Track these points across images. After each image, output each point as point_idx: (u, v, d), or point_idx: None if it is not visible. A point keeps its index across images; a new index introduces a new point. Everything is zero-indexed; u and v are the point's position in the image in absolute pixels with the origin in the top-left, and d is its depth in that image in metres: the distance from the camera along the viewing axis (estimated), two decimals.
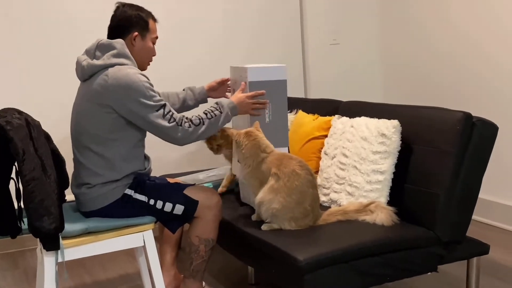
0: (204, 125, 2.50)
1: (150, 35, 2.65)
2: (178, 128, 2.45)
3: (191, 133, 2.47)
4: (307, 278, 2.17)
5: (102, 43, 2.53)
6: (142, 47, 2.63)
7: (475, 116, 2.43)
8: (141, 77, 2.44)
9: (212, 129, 2.55)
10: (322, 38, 4.50)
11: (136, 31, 2.60)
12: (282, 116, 2.75)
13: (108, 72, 2.45)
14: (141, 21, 2.61)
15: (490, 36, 3.67)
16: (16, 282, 3.28)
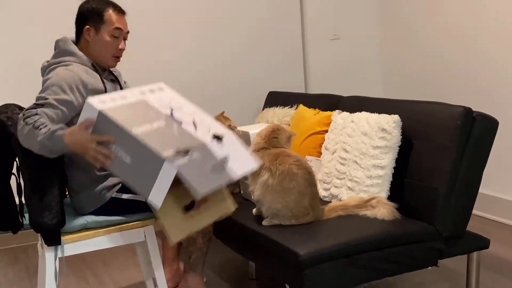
0: (30, 128, 2.14)
1: (106, 27, 2.46)
2: (20, 123, 2.17)
3: (20, 133, 2.17)
4: (308, 272, 2.17)
5: (55, 42, 2.50)
6: (97, 41, 2.47)
7: (476, 111, 2.42)
8: (63, 73, 2.34)
9: (32, 138, 2.13)
10: (322, 33, 4.50)
11: (89, 24, 2.47)
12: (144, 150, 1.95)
13: (45, 75, 2.41)
14: (94, 13, 2.46)
15: (489, 32, 3.66)
16: (17, 278, 3.29)
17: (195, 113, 2.23)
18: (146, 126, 2.01)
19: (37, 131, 2.12)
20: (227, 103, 4.20)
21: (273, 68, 4.38)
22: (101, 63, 2.50)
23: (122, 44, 2.51)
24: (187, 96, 4.05)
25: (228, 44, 4.23)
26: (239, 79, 4.28)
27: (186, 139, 2.03)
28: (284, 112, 3.56)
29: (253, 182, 2.51)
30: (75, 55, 2.44)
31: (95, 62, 2.48)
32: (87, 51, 2.47)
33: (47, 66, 2.45)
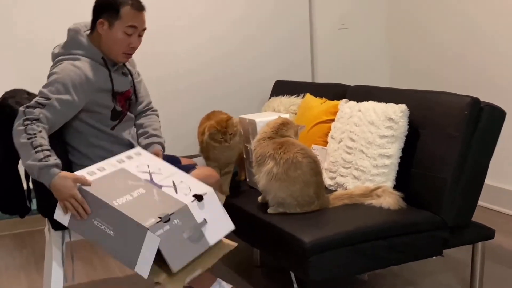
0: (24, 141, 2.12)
1: (121, 23, 2.38)
2: (20, 116, 2.18)
3: (17, 131, 2.16)
4: (312, 260, 2.18)
5: (68, 28, 2.47)
6: (109, 35, 2.40)
7: (483, 101, 2.42)
8: (67, 69, 2.32)
9: (25, 153, 2.12)
10: (330, 22, 4.48)
11: (103, 17, 2.39)
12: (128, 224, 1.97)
13: (54, 63, 2.40)
14: (110, 7, 2.38)
15: (497, 22, 3.64)
16: (24, 262, 3.32)
17: (174, 174, 2.28)
18: (127, 196, 2.05)
19: (32, 152, 2.09)
20: (234, 92, 4.21)
21: (281, 57, 4.37)
22: (111, 58, 2.46)
23: (134, 42, 2.44)
24: (194, 85, 4.08)
25: (236, 32, 4.22)
26: (247, 68, 4.27)
27: (167, 203, 2.08)
28: (290, 101, 3.56)
29: (258, 171, 2.52)
30: (84, 48, 2.41)
31: (106, 56, 2.45)
32: (99, 43, 2.44)
33: (56, 55, 2.44)
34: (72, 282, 2.66)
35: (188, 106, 4.05)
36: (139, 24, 2.42)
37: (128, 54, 2.47)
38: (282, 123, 2.59)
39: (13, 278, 3.11)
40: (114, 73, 2.48)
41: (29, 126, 2.15)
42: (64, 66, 2.33)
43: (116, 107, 2.47)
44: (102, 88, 2.41)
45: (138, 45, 2.48)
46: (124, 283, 2.98)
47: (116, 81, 2.47)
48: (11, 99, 2.31)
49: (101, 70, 2.42)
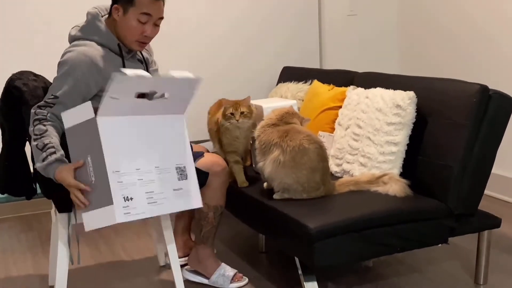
0: (33, 142, 2.17)
1: (134, 10, 2.34)
2: (32, 116, 2.20)
3: (30, 135, 2.19)
4: (318, 246, 2.18)
5: (87, 11, 2.45)
6: (123, 22, 2.38)
7: (492, 89, 2.40)
8: (80, 61, 2.29)
9: (35, 156, 2.17)
10: (339, 8, 4.45)
11: (119, 3, 2.37)
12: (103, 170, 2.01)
13: (68, 47, 2.38)
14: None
15: (505, 10, 3.61)
16: (30, 244, 3.34)
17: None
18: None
19: (38, 153, 2.13)
20: (242, 77, 4.20)
21: (289, 43, 4.36)
22: (126, 45, 2.44)
23: (149, 31, 2.39)
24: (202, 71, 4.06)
25: (245, 19, 4.20)
26: (255, 54, 4.26)
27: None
28: (298, 87, 3.55)
29: (262, 159, 2.51)
30: (101, 34, 2.39)
31: (121, 42, 2.43)
32: (115, 29, 2.42)
33: (73, 37, 2.42)
34: (78, 265, 2.66)
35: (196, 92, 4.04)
36: (154, 12, 2.37)
37: (142, 42, 2.44)
38: (287, 112, 2.58)
39: (19, 259, 3.13)
40: (128, 61, 2.46)
41: (37, 127, 2.17)
42: (75, 56, 2.30)
43: None
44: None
45: (153, 34, 2.45)
46: (129, 266, 2.99)
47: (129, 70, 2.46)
48: (18, 80, 2.31)
49: (114, 59, 2.41)
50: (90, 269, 2.98)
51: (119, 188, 1.99)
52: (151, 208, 2.08)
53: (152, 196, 2.08)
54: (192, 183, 2.22)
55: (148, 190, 2.07)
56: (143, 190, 2.06)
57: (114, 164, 1.99)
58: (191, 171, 2.23)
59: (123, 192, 2.00)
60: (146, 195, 2.07)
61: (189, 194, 2.21)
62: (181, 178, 2.18)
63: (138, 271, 2.93)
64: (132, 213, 2.01)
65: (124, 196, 2.00)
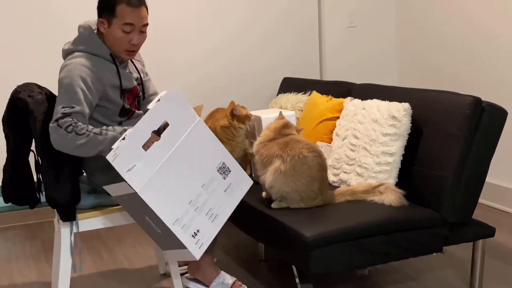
0: (87, 138, 2.24)
1: (118, 21, 2.40)
2: (57, 130, 2.23)
3: (68, 140, 2.23)
4: (314, 254, 2.22)
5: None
6: (109, 34, 2.45)
7: (485, 100, 2.45)
8: (78, 69, 2.35)
9: (94, 146, 2.26)
10: (339, 21, 4.51)
11: (103, 16, 2.44)
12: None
13: (64, 61, 2.44)
14: (107, 6, 2.42)
15: (501, 24, 3.66)
16: (33, 252, 3.39)
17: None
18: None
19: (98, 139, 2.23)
20: (242, 88, 4.26)
21: (289, 55, 4.41)
22: (115, 54, 2.50)
23: (135, 39, 2.45)
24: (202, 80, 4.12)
25: (246, 30, 4.26)
26: (256, 65, 4.32)
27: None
28: (297, 98, 3.60)
29: (263, 171, 2.55)
30: (93, 45, 2.45)
31: (112, 53, 2.50)
32: (104, 41, 2.48)
33: (66, 51, 2.49)
34: (80, 272, 2.72)
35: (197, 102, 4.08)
36: (136, 21, 2.43)
37: (130, 51, 2.49)
38: (283, 125, 2.62)
39: (23, 267, 3.17)
40: (122, 70, 2.53)
41: (77, 129, 2.23)
42: (73, 68, 2.36)
43: (125, 105, 2.52)
44: (111, 84, 2.46)
45: (140, 42, 2.50)
46: (130, 274, 3.04)
47: (124, 77, 2.52)
48: (23, 92, 2.36)
49: (109, 66, 2.47)
50: (92, 277, 3.02)
51: (184, 232, 2.06)
52: (216, 223, 2.15)
53: (212, 213, 2.14)
54: (237, 170, 2.25)
55: (207, 211, 2.13)
56: (203, 214, 2.11)
57: (171, 216, 2.05)
58: (230, 161, 2.24)
59: (190, 232, 2.07)
60: (207, 216, 2.12)
61: (238, 182, 2.25)
62: (226, 176, 2.21)
63: (139, 279, 2.97)
64: (204, 242, 2.11)
65: (191, 234, 2.07)
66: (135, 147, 2.00)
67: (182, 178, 2.09)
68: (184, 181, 2.10)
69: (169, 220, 2.03)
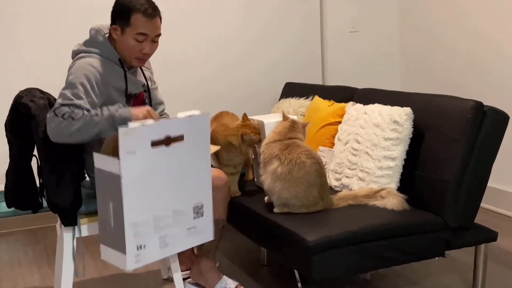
0: (84, 121, 2.25)
1: (131, 30, 2.43)
2: (53, 119, 2.23)
3: (64, 127, 2.23)
4: (316, 259, 2.23)
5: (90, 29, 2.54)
6: (121, 41, 2.47)
7: (486, 105, 2.45)
8: (85, 68, 2.37)
9: (91, 128, 2.26)
10: (341, 25, 4.52)
11: (116, 23, 2.46)
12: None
13: (73, 61, 2.46)
14: (122, 14, 2.44)
15: (503, 29, 3.66)
16: (36, 257, 3.40)
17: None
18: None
19: (94, 120, 2.24)
20: (245, 93, 4.27)
21: (292, 60, 4.42)
22: (126, 61, 2.53)
23: (147, 48, 2.47)
24: (205, 85, 4.13)
25: (248, 34, 4.28)
26: (258, 70, 4.33)
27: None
28: (299, 103, 3.61)
29: (264, 171, 2.57)
30: (103, 47, 2.47)
31: (122, 58, 2.52)
32: (115, 46, 2.50)
33: (75, 52, 2.51)
34: (83, 277, 2.72)
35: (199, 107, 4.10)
36: (150, 31, 2.45)
37: (140, 59, 2.52)
38: (289, 128, 2.63)
39: (26, 272, 3.18)
40: (129, 75, 2.54)
41: (73, 114, 2.24)
42: (80, 66, 2.39)
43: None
44: (117, 87, 2.48)
45: (151, 51, 2.52)
46: (133, 279, 3.04)
47: (130, 82, 2.53)
48: (26, 97, 2.37)
49: (116, 70, 2.49)
50: (94, 282, 3.03)
51: (133, 238, 1.97)
52: (162, 251, 2.05)
53: (165, 240, 2.05)
54: (207, 219, 2.14)
55: (162, 235, 2.04)
56: (157, 236, 2.03)
57: (132, 216, 1.97)
58: (208, 207, 2.14)
59: (137, 242, 1.98)
60: (159, 240, 2.04)
61: (202, 231, 2.14)
62: (196, 217, 2.11)
63: (142, 284, 2.98)
64: (142, 260, 1.99)
65: (137, 245, 1.98)
66: (146, 138, 1.96)
67: (163, 193, 2.02)
68: (163, 196, 2.02)
69: (129, 219, 1.94)
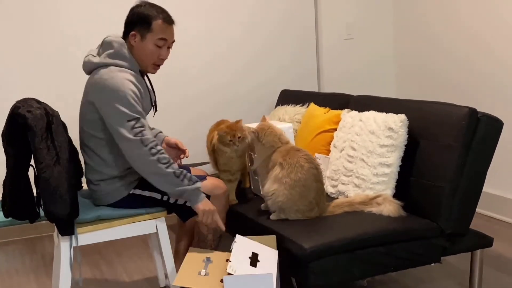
0: (167, 170, 2.37)
1: (152, 36, 2.50)
2: (140, 146, 2.35)
3: (149, 162, 2.36)
4: (312, 266, 2.24)
5: (105, 40, 2.54)
6: (140, 47, 2.52)
7: (480, 111, 2.47)
8: (126, 83, 2.40)
9: (167, 183, 2.40)
10: (336, 33, 4.54)
11: (136, 30, 2.51)
12: None
13: (99, 71, 2.45)
14: (142, 20, 2.50)
15: (497, 35, 3.68)
16: (33, 266, 3.40)
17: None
18: None
19: (178, 180, 2.39)
20: (240, 100, 4.28)
21: (287, 67, 4.44)
22: (142, 68, 2.57)
23: (164, 54, 2.56)
24: (202, 94, 4.15)
25: (243, 42, 4.29)
26: (254, 78, 4.34)
27: None
28: (295, 110, 3.63)
29: (266, 179, 2.59)
30: (129, 60, 2.50)
31: (140, 67, 2.56)
32: (132, 54, 2.53)
33: (97, 65, 2.49)
34: (80, 286, 2.72)
35: (196, 115, 4.13)
36: (169, 37, 2.55)
37: (157, 65, 2.59)
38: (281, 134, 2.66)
39: (23, 281, 3.18)
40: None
41: (160, 156, 2.37)
42: (121, 83, 2.40)
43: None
44: (145, 99, 2.53)
45: (167, 57, 2.60)
46: (130, 287, 3.05)
47: (151, 92, 2.61)
48: (22, 108, 2.37)
49: (142, 81, 2.54)
50: None
51: None
52: None
53: None
54: None
55: None
56: None
57: None
58: None
59: None
60: None
61: None
62: None
63: None
64: None
65: None
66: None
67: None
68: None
69: None
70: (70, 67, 3.76)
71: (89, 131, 2.49)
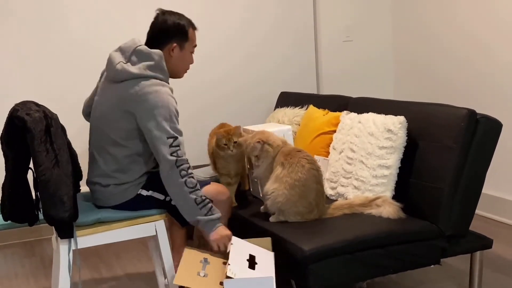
0: (190, 195, 2.39)
1: (189, 44, 2.60)
2: (173, 166, 2.39)
3: (176, 183, 2.40)
4: (312, 268, 2.24)
5: (141, 49, 2.50)
6: (180, 57, 2.59)
7: (479, 113, 2.47)
8: (171, 100, 2.44)
9: (185, 207, 2.43)
10: (335, 35, 4.54)
11: (175, 41, 2.56)
12: None
13: (141, 83, 2.43)
14: (180, 32, 2.57)
15: (496, 36, 3.69)
16: (33, 269, 3.39)
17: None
18: None
19: (197, 208, 2.40)
20: (239, 102, 4.28)
21: (286, 69, 4.44)
22: (173, 75, 2.61)
23: (193, 58, 2.67)
24: (202, 96, 4.14)
25: (241, 43, 4.29)
26: (253, 80, 4.34)
27: None
28: (294, 112, 3.63)
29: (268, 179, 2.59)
30: (165, 73, 2.52)
31: (171, 75, 2.61)
32: (168, 65, 2.55)
33: (138, 75, 2.46)
34: None
35: (196, 117, 4.12)
36: (196, 42, 2.66)
37: (187, 70, 2.69)
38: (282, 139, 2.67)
39: (23, 284, 3.18)
40: None
41: (188, 179, 2.39)
42: (166, 98, 2.43)
43: None
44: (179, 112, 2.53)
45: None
46: None
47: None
48: (21, 111, 2.37)
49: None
50: None
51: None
52: None
53: None
54: None
55: None
56: None
57: None
58: None
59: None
60: None
61: None
62: None
63: None
64: None
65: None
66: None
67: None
68: None
69: None
70: (70, 70, 3.77)
71: (116, 139, 2.48)
